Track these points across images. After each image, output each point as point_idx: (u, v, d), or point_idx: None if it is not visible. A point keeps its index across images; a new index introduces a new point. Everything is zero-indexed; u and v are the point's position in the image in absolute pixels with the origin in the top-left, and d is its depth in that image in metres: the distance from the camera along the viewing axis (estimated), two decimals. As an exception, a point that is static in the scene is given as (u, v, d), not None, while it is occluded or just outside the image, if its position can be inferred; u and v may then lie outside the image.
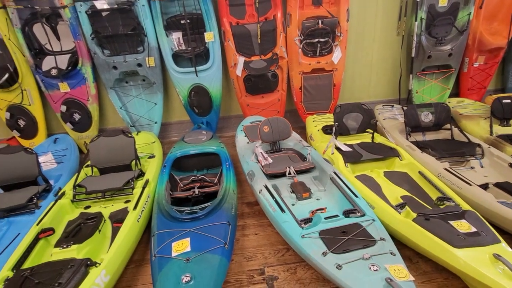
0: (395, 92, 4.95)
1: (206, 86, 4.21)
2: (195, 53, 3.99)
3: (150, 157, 3.42)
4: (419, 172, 2.81)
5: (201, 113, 4.41)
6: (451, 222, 2.05)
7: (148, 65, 4.01)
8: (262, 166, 3.04)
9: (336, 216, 2.16)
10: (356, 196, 2.39)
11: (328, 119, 4.21)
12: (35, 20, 3.79)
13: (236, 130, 4.02)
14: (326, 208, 2.32)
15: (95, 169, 3.16)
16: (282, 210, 2.29)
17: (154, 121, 4.39)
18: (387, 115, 4.24)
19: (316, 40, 4.13)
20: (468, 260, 1.80)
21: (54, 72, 3.81)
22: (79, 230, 2.30)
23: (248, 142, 3.60)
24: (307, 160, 3.15)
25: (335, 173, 2.74)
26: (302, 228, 2.10)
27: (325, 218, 2.13)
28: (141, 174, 3.15)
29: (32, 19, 3.78)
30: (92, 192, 2.75)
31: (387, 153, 3.11)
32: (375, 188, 2.72)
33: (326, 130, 3.72)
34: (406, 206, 2.33)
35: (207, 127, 4.32)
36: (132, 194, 2.77)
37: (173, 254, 1.89)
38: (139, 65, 4.01)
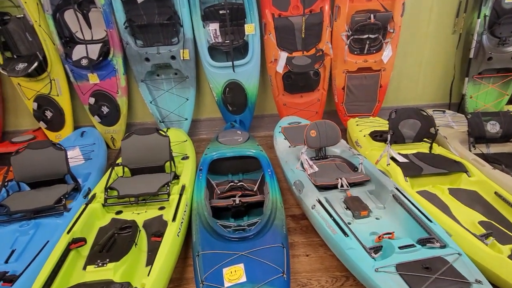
0: (445, 96, 4.52)
1: (242, 83, 3.91)
2: (233, 46, 3.69)
3: (183, 158, 3.16)
4: (496, 193, 2.43)
5: (235, 111, 4.12)
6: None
7: (182, 58, 3.73)
8: (309, 175, 2.73)
9: (412, 245, 1.83)
10: (429, 220, 2.05)
11: (373, 123, 3.85)
12: (67, 6, 3.57)
13: (274, 132, 3.72)
14: (394, 232, 2.00)
15: (126, 169, 2.92)
16: (344, 233, 1.98)
17: (185, 118, 4.14)
18: (440, 121, 3.83)
19: (366, 36, 3.76)
20: None
21: (84, 62, 3.58)
22: (114, 242, 2.06)
23: (289, 146, 3.28)
24: (359, 170, 2.82)
25: (397, 189, 2.40)
26: (374, 258, 1.79)
27: (400, 248, 1.80)
28: (175, 177, 2.90)
29: (64, 4, 3.56)
30: (124, 196, 2.51)
31: (452, 167, 2.74)
32: (444, 209, 2.37)
33: (376, 136, 3.36)
34: (492, 237, 1.97)
35: (240, 126, 4.03)
36: (168, 200, 2.52)
37: (226, 284, 1.62)
38: (173, 57, 3.74)
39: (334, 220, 2.13)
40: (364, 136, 3.53)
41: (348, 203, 2.43)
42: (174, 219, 2.18)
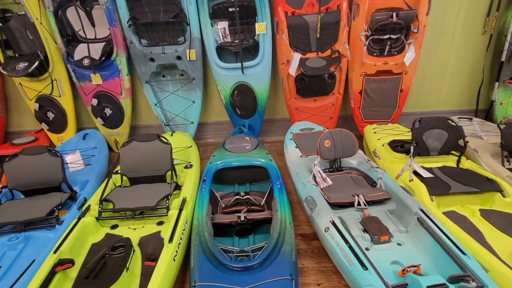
0: (471, 102, 4.18)
1: (251, 85, 3.67)
2: (243, 46, 3.45)
3: (186, 167, 2.95)
4: (538, 218, 2.13)
5: (244, 115, 3.89)
6: None
7: (188, 58, 3.52)
8: (322, 190, 2.48)
9: (444, 285, 1.56)
10: (463, 252, 1.77)
11: (392, 130, 3.55)
12: (69, 3, 3.40)
13: (285, 139, 3.47)
14: (420, 265, 1.73)
15: (124, 178, 2.73)
16: (363, 265, 1.72)
17: (191, 121, 3.93)
18: (466, 130, 3.47)
19: (387, 36, 3.45)
20: None
21: (86, 62, 3.41)
22: (104, 265, 1.86)
23: (301, 156, 3.03)
24: (378, 186, 2.55)
25: (422, 211, 2.12)
26: (398, 300, 1.53)
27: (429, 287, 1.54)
28: (177, 187, 2.69)
29: (66, 1, 3.40)
30: (120, 210, 2.31)
31: (485, 186, 2.43)
32: (476, 235, 2.07)
33: (396, 146, 3.07)
34: (539, 276, 1.68)
35: (249, 131, 3.79)
36: (167, 215, 2.31)
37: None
38: (179, 58, 3.53)
39: (351, 247, 1.87)
40: (383, 145, 3.24)
41: (365, 224, 2.16)
42: (171, 239, 1.96)
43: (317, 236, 2.44)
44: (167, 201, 2.36)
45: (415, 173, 2.61)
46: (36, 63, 3.41)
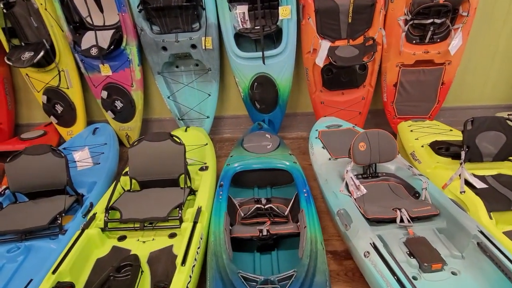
0: (521, 96, 3.70)
1: (273, 77, 3.32)
2: (265, 33, 3.09)
3: (202, 169, 2.67)
4: None
5: (263, 110, 3.56)
6: None
7: (204, 47, 3.19)
8: (356, 201, 2.15)
9: None
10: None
11: (431, 128, 3.15)
12: (75, -13, 3.11)
13: (309, 137, 3.12)
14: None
15: (134, 181, 2.47)
16: (417, 307, 1.40)
17: (206, 115, 3.64)
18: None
19: (430, 21, 3.01)
20: None
21: (94, 51, 3.14)
22: (108, 289, 1.62)
23: (330, 159, 2.69)
24: (422, 197, 2.19)
25: (482, 233, 1.76)
26: None
27: None
28: (191, 191, 2.43)
29: (72, -16, 3.11)
30: (128, 220, 2.06)
31: (555, 201, 2.04)
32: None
33: (440, 149, 2.68)
34: None
35: (269, 127, 3.46)
36: (179, 227, 2.04)
37: None
38: (193, 46, 3.21)
39: (397, 277, 1.55)
40: (423, 146, 2.85)
41: (411, 247, 1.83)
42: (183, 261, 1.69)
43: (350, 254, 2.12)
44: (180, 212, 2.09)
45: (467, 183, 2.24)
46: (42, 53, 3.17)
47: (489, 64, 3.60)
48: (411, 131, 3.15)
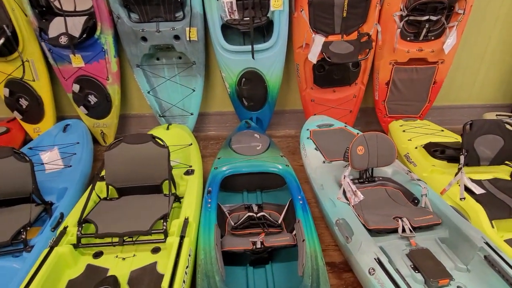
0: (507, 95, 3.71)
1: (262, 72, 3.12)
2: (254, 25, 2.87)
3: (187, 173, 2.45)
4: None
5: (252, 107, 3.36)
6: None
7: (188, 39, 2.94)
8: (355, 210, 2.03)
9: None
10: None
11: (423, 128, 3.10)
12: (40, -35, 2.75)
13: (301, 137, 2.97)
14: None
15: (111, 188, 2.22)
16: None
17: (190, 112, 3.39)
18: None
19: (426, 17, 2.90)
20: None
21: (63, 40, 2.80)
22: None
23: (324, 162, 2.55)
24: (422, 204, 2.10)
25: (488, 245, 1.68)
26: None
27: None
28: (176, 198, 2.21)
29: (36, -37, 2.75)
30: (104, 235, 1.83)
31: (554, 208, 2.00)
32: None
33: (435, 151, 2.60)
34: None
35: (257, 126, 3.27)
36: (164, 241, 1.83)
37: None
38: (177, 37, 2.95)
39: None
40: (416, 148, 2.78)
41: (415, 260, 1.72)
42: (171, 285, 1.49)
43: (349, 265, 2.00)
44: (165, 224, 1.88)
45: (466, 189, 2.16)
46: (2, 40, 2.79)
47: (479, 63, 3.58)
48: (404, 131, 3.08)
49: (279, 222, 2.20)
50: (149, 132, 3.14)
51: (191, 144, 2.92)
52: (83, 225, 1.88)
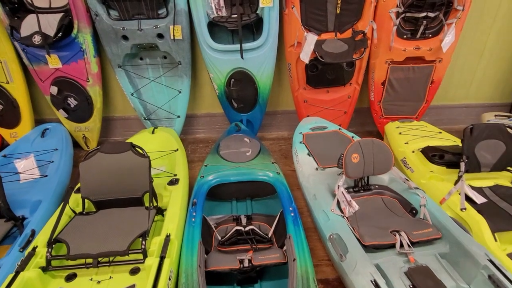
0: (505, 95, 3.60)
1: (252, 73, 2.96)
2: (243, 23, 2.70)
3: (171, 183, 2.29)
4: None
5: (241, 109, 3.20)
6: None
7: (172, 37, 2.76)
8: (348, 220, 1.90)
9: None
10: None
11: (420, 130, 2.97)
12: (10, -42, 2.54)
13: (293, 141, 2.83)
14: None
15: (88, 201, 2.06)
16: None
17: (177, 115, 3.22)
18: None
19: (423, 14, 2.76)
20: None
21: (37, 39, 2.61)
22: None
23: (317, 168, 2.41)
24: (421, 215, 1.97)
25: (492, 263, 1.56)
26: None
27: None
28: (158, 211, 2.06)
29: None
30: (77, 257, 1.67)
31: (560, 218, 1.89)
32: None
33: (434, 156, 2.48)
34: None
35: (247, 129, 3.11)
36: (143, 262, 1.68)
37: None
38: (160, 36, 2.77)
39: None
40: (413, 152, 2.65)
41: (414, 279, 1.60)
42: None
43: (343, 282, 1.87)
44: (144, 243, 1.72)
45: (467, 198, 2.04)
46: (-31, 40, 2.59)
47: (476, 62, 3.45)
48: (400, 133, 2.95)
49: (269, 235, 2.06)
50: (134, 136, 2.98)
51: (177, 149, 2.75)
52: (55, 244, 1.72)
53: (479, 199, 2.04)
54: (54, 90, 2.97)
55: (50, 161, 2.64)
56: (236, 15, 2.71)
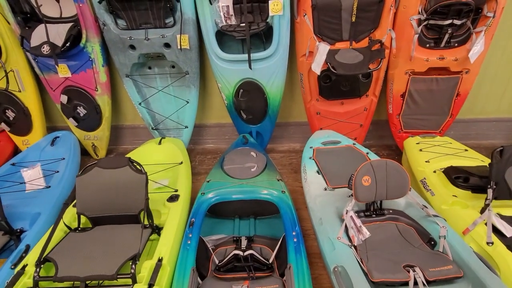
0: (543, 109, 3.27)
1: (262, 83, 2.84)
2: (252, 32, 2.58)
3: (171, 199, 2.19)
4: None
5: (250, 120, 3.08)
6: None
7: (179, 47, 2.69)
8: (357, 251, 1.72)
9: None
10: None
11: (444, 147, 2.73)
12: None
13: (302, 157, 2.66)
14: None
15: (84, 217, 1.99)
16: None
17: (184, 125, 3.15)
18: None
19: (448, 22, 2.53)
20: None
21: (45, 49, 2.61)
22: None
23: (326, 188, 2.24)
24: (440, 248, 1.76)
25: (524, 314, 1.34)
26: None
27: None
28: (155, 229, 1.96)
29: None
30: (64, 279, 1.59)
31: None
32: None
33: (458, 178, 2.24)
34: None
35: (255, 142, 2.98)
36: (132, 287, 1.58)
37: None
38: (167, 45, 2.71)
39: None
40: (435, 172, 2.42)
41: (430, 326, 1.40)
42: None
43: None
44: (133, 267, 1.63)
45: (496, 230, 1.81)
46: (-18, 50, 2.64)
47: (509, 73, 3.15)
48: (420, 150, 2.71)
49: (270, 261, 1.91)
50: (141, 146, 2.93)
51: (182, 162, 2.67)
52: (44, 264, 1.66)
53: (509, 232, 1.80)
54: (64, 99, 2.99)
55: (55, 171, 2.63)
56: (244, 24, 2.60)
